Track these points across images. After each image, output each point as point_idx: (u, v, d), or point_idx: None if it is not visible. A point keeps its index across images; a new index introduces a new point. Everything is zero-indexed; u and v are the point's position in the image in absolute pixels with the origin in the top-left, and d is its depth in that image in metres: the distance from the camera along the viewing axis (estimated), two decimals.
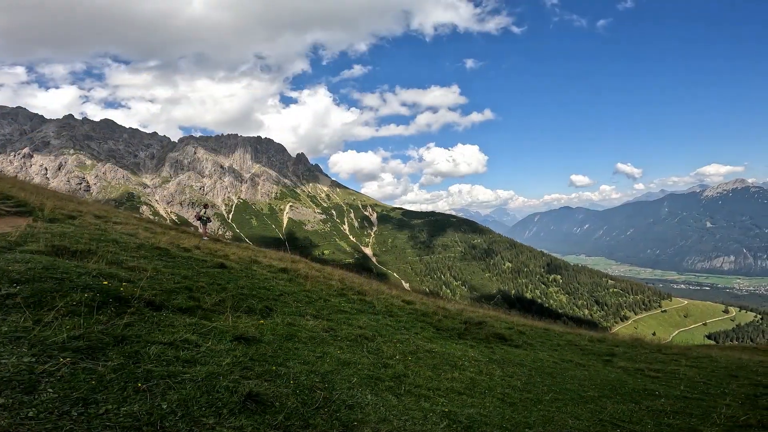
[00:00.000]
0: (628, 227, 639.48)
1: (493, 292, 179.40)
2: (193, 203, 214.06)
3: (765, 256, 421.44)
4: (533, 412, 5.63)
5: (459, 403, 5.28)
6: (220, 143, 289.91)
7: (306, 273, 12.70)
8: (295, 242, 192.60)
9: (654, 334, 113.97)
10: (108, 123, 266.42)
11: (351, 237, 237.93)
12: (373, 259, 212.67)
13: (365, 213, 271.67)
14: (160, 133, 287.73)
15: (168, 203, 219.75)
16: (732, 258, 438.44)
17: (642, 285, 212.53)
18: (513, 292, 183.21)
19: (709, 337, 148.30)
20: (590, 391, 7.39)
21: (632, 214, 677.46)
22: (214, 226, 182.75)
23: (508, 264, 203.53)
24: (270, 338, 5.52)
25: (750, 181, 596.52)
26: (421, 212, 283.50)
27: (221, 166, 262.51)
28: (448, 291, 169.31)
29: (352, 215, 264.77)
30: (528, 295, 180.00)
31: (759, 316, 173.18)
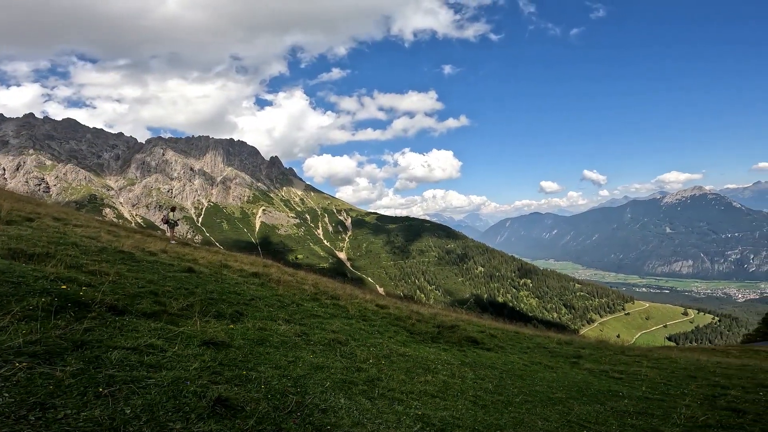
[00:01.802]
0: (594, 232, 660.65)
1: (466, 296, 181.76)
2: (160, 206, 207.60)
3: (722, 260, 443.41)
4: (504, 414, 5.73)
5: (432, 406, 5.31)
6: (190, 145, 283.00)
7: (278, 277, 12.53)
8: (269, 247, 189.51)
9: (618, 336, 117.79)
10: (70, 122, 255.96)
11: (325, 242, 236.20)
12: (348, 264, 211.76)
13: (340, 218, 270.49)
14: (127, 134, 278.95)
15: (133, 206, 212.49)
16: (690, 262, 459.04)
17: (607, 288, 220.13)
18: (485, 296, 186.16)
19: (669, 338, 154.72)
20: (558, 393, 7.56)
21: (598, 220, 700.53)
22: (183, 229, 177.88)
23: (480, 268, 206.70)
24: (240, 343, 5.41)
25: (707, 188, 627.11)
26: (396, 217, 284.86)
27: (191, 169, 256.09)
28: (423, 295, 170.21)
29: (326, 220, 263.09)
30: (500, 299, 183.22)
31: (716, 318, 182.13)
